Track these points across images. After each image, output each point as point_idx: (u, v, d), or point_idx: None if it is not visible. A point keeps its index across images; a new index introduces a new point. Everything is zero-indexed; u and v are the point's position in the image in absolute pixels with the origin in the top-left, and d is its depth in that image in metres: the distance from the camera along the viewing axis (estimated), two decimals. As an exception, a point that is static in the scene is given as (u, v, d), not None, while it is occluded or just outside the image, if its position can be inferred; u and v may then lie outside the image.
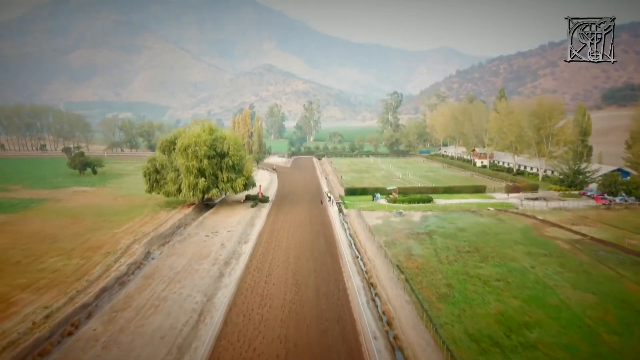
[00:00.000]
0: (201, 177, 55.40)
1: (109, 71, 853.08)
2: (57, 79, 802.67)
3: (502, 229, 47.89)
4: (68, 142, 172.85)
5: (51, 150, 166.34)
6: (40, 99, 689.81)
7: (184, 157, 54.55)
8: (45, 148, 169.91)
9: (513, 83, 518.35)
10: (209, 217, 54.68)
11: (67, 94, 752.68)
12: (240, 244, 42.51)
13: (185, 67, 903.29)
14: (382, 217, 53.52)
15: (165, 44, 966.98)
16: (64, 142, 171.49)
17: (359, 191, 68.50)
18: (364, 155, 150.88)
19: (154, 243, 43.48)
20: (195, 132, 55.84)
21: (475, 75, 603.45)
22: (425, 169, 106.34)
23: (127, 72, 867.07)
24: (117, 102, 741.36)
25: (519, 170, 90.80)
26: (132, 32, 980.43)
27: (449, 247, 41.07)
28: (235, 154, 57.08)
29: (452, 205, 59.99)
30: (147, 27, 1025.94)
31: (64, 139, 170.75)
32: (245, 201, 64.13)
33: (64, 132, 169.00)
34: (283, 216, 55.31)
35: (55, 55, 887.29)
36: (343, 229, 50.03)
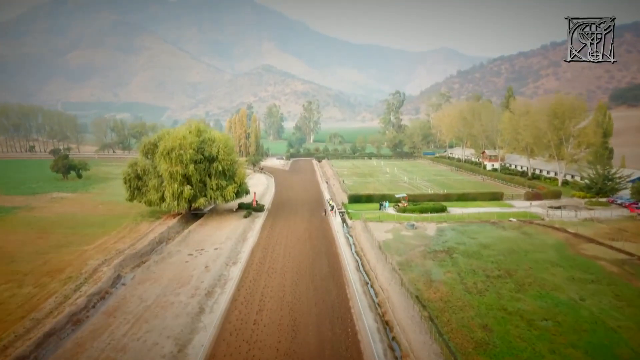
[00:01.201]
0: (187, 185, 48.93)
1: (107, 72, 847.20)
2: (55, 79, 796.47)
3: (532, 245, 41.46)
4: (59, 144, 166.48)
5: (40, 151, 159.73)
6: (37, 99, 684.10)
7: (167, 161, 48.11)
8: (34, 150, 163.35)
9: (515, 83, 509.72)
10: (196, 230, 48.18)
11: (65, 94, 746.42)
12: (227, 266, 36.03)
13: (184, 68, 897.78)
14: (392, 230, 47.10)
15: (164, 45, 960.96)
16: (54, 144, 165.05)
17: (364, 198, 62.08)
18: (366, 157, 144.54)
19: (127, 264, 37.01)
20: (180, 133, 49.39)
21: (476, 75, 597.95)
22: (433, 173, 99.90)
23: (126, 73, 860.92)
24: (115, 102, 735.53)
25: (534, 174, 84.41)
26: (130, 33, 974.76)
27: (475, 270, 34.66)
28: (225, 158, 50.63)
29: (469, 216, 53.58)
30: (146, 28, 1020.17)
31: (54, 140, 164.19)
32: (237, 210, 57.67)
33: (54, 133, 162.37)
34: (279, 228, 48.84)
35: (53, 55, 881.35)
36: (348, 244, 43.58)
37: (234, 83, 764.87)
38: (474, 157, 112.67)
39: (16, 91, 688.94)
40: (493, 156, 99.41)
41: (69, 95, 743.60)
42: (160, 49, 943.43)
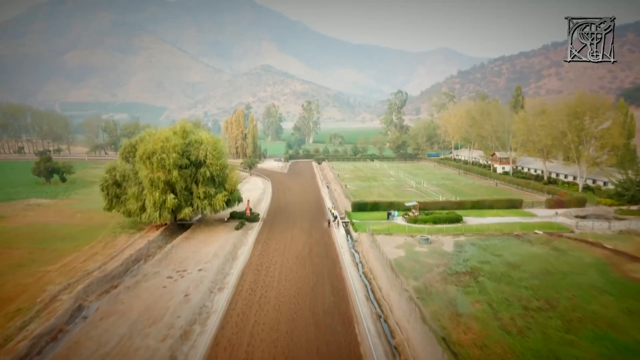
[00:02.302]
0: (170, 193, 43.04)
1: (105, 72, 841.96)
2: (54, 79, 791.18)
3: (568, 265, 35.66)
4: (49, 145, 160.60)
5: (29, 153, 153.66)
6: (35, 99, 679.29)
7: (148, 167, 42.25)
8: (23, 151, 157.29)
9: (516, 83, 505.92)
10: (180, 244, 42.29)
11: (63, 94, 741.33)
12: (211, 294, 30.18)
13: (182, 68, 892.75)
14: (404, 246, 41.28)
15: (163, 45, 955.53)
16: (44, 144, 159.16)
17: (369, 206, 56.23)
18: (367, 159, 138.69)
19: (93, 290, 31.17)
20: (163, 135, 43.49)
21: (477, 75, 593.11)
22: (440, 176, 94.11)
23: (124, 73, 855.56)
24: (113, 103, 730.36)
25: (550, 178, 78.61)
26: (129, 33, 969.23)
27: (508, 298, 28.86)
28: (214, 163, 44.74)
29: (488, 227, 47.76)
30: (145, 28, 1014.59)
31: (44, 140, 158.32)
32: (229, 220, 51.82)
33: (44, 134, 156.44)
34: (275, 243, 42.98)
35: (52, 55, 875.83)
36: (354, 263, 37.73)
37: (232, 83, 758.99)
38: (483, 159, 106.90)
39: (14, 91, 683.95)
40: (504, 158, 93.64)
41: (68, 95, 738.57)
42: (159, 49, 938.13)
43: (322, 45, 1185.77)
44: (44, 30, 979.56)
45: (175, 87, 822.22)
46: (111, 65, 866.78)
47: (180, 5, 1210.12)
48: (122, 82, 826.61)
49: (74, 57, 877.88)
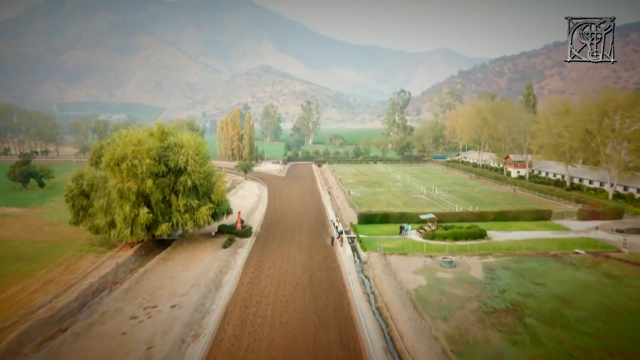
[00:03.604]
0: (143, 207, 36.08)
1: (104, 72, 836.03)
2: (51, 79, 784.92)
3: (631, 299, 28.73)
4: (36, 146, 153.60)
5: (16, 154, 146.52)
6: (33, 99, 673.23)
7: (117, 175, 35.29)
8: (9, 152, 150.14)
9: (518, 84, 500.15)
10: (154, 268, 35.29)
11: (61, 95, 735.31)
12: (183, 346, 23.19)
13: (181, 68, 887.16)
14: (424, 270, 34.37)
15: (162, 45, 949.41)
16: (31, 146, 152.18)
17: (378, 218, 49.31)
18: (370, 161, 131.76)
19: (33, 337, 24.18)
20: (135, 137, 36.48)
21: (478, 75, 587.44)
22: (450, 181, 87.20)
23: (123, 73, 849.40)
24: (111, 103, 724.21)
25: (573, 183, 71.75)
26: (128, 33, 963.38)
27: (571, 352, 21.98)
28: (196, 170, 37.75)
29: (519, 245, 40.81)
30: (144, 28, 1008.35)
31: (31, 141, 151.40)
32: (217, 235, 44.84)
33: (30, 134, 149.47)
34: (269, 267, 36.01)
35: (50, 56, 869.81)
36: (365, 295, 30.74)
37: (231, 84, 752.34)
38: (494, 162, 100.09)
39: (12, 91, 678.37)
40: (519, 161, 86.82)
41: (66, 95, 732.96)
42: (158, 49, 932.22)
43: (322, 45, 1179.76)
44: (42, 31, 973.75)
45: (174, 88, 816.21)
46: (110, 66, 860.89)
47: (180, 5, 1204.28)
48: (120, 82, 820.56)
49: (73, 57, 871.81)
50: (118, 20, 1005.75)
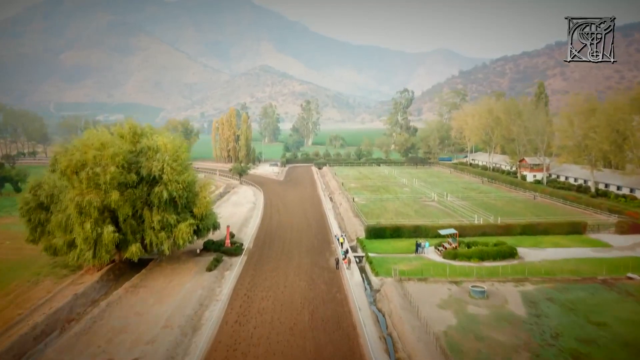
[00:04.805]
0: (108, 224, 29.67)
1: (103, 72, 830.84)
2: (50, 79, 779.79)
3: None
4: (23, 146, 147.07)
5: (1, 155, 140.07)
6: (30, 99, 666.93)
7: (76, 186, 28.91)
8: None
9: (520, 84, 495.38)
10: (121, 301, 28.83)
11: (59, 95, 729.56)
12: None
13: (180, 69, 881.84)
14: (451, 302, 27.98)
15: (161, 45, 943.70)
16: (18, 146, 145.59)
17: (388, 232, 42.91)
18: (373, 163, 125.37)
19: None
20: (98, 139, 30.04)
21: (479, 75, 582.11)
22: (461, 186, 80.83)
23: (121, 73, 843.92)
24: (109, 103, 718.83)
25: (599, 189, 65.36)
26: (127, 33, 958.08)
27: None
28: (174, 179, 31.31)
29: (559, 267, 34.44)
30: (143, 28, 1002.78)
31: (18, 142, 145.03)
32: (202, 253, 38.43)
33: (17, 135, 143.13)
34: (261, 298, 29.55)
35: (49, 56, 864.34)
36: (381, 340, 24.28)
37: (230, 84, 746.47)
38: (507, 164, 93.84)
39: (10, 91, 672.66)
40: (536, 165, 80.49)
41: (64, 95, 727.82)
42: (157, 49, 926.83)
43: (322, 45, 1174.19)
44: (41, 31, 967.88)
45: (172, 88, 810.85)
46: (109, 66, 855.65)
47: (180, 5, 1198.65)
48: (119, 82, 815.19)
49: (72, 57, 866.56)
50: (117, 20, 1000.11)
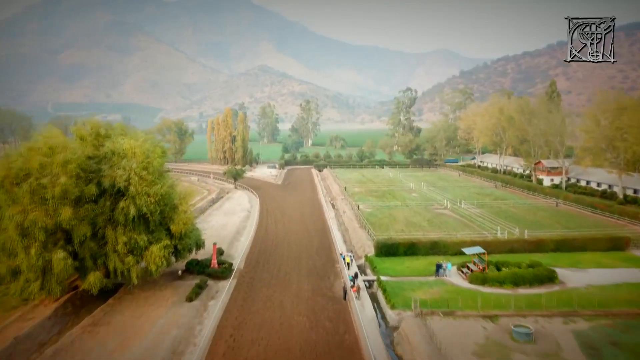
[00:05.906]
0: (59, 249, 23.74)
1: (101, 72, 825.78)
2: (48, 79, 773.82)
3: None
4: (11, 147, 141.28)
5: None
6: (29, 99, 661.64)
7: (17, 201, 23.00)
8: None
9: (522, 84, 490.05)
10: (73, 346, 22.88)
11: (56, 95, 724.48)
12: None
13: (179, 69, 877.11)
14: (488, 348, 22.09)
15: (160, 45, 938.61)
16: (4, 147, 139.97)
17: (402, 249, 37.02)
18: (376, 165, 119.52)
19: None
20: (46, 143, 24.12)
21: (480, 75, 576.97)
22: (474, 190, 74.94)
23: (120, 73, 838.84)
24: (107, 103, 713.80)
25: (627, 195, 59.56)
26: (126, 33, 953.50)
27: None
28: (143, 191, 25.33)
29: (613, 295, 28.52)
30: (142, 28, 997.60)
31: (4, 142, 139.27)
32: (183, 275, 32.54)
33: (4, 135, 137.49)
34: (250, 341, 23.59)
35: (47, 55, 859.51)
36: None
37: (229, 84, 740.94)
38: (519, 167, 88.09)
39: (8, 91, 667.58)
40: (553, 168, 74.70)
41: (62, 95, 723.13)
42: (155, 49, 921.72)
43: (321, 45, 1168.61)
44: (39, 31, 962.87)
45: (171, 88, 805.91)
46: (107, 66, 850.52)
47: (179, 5, 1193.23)
48: (117, 82, 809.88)
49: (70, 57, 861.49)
50: (116, 20, 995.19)
